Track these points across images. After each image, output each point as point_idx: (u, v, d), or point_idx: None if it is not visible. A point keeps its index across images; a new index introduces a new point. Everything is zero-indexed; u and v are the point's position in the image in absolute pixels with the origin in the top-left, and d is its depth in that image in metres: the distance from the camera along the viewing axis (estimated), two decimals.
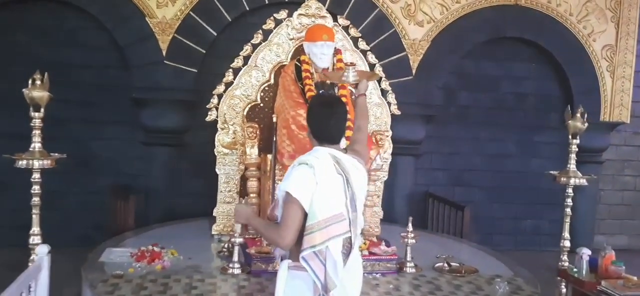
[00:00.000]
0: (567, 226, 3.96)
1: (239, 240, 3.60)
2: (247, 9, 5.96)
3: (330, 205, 2.19)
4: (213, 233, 4.52)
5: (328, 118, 2.32)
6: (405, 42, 6.32)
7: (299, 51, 4.51)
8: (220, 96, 4.56)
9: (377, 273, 3.74)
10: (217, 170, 4.59)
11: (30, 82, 3.27)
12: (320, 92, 4.14)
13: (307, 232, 2.17)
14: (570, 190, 3.92)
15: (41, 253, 2.96)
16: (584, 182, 3.86)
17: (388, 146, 4.86)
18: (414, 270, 3.87)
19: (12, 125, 5.64)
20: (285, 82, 4.25)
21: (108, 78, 6.00)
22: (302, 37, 4.44)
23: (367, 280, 3.62)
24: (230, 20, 5.94)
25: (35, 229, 3.27)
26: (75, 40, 5.93)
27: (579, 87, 6.74)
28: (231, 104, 4.56)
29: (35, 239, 3.21)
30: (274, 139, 4.19)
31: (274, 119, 4.24)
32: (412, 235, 3.89)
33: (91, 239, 4.83)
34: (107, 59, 5.97)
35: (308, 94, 4.08)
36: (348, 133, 3.30)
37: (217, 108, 4.55)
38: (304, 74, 4.18)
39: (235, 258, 3.63)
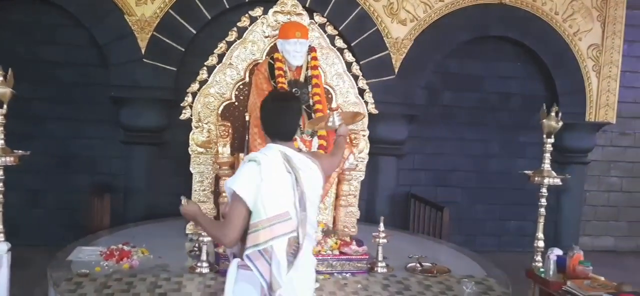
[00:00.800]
0: (540, 226, 3.90)
1: (208, 239, 3.56)
2: (227, 7, 5.91)
3: (275, 204, 2.13)
4: (187, 232, 4.47)
5: (279, 115, 2.27)
6: (387, 40, 6.27)
7: (274, 49, 4.46)
8: (194, 94, 4.52)
9: (346, 273, 3.70)
10: (191, 169, 4.54)
11: None
12: (292, 89, 4.11)
13: (252, 230, 2.12)
14: (544, 190, 3.87)
15: (1, 251, 2.91)
16: (557, 181, 3.81)
17: (364, 145, 4.83)
18: (385, 270, 3.83)
19: None
20: (257, 80, 4.21)
21: (87, 76, 5.95)
22: (277, 35, 4.40)
23: (336, 279, 3.61)
24: (209, 18, 5.89)
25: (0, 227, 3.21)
26: (54, 38, 5.88)
27: (565, 87, 6.70)
28: (206, 102, 4.51)
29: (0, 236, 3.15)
30: (247, 138, 4.14)
31: (247, 118, 4.20)
32: (384, 234, 3.83)
33: (70, 238, 4.78)
34: (86, 56, 5.92)
35: None
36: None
37: (191, 107, 4.50)
38: (276, 72, 4.14)
39: (204, 257, 3.59)
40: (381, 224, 3.89)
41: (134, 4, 5.78)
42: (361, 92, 4.83)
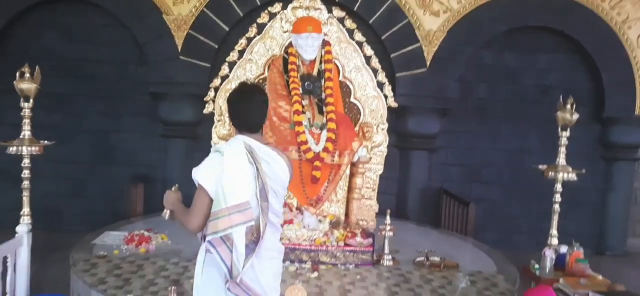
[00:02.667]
0: (554, 222, 3.76)
1: None
2: (258, 4, 6.07)
3: (235, 194, 2.20)
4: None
5: (244, 107, 2.33)
6: (419, 33, 6.20)
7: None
8: (217, 89, 4.69)
9: (350, 265, 3.74)
10: None
11: (18, 74, 3.47)
12: (305, 82, 4.18)
13: (212, 218, 2.21)
14: (559, 186, 3.73)
15: (21, 231, 3.19)
16: (573, 176, 3.66)
17: (383, 139, 4.78)
18: (391, 263, 3.83)
19: (39, 117, 6.09)
20: (272, 74, 4.32)
21: (128, 73, 6.31)
22: None
23: (338, 270, 3.65)
24: (242, 15, 6.07)
25: (26, 210, 3.51)
26: (97, 37, 6.28)
27: (611, 79, 6.35)
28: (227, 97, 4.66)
29: (24, 219, 3.45)
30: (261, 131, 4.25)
31: None
32: (389, 227, 3.84)
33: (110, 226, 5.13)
34: (127, 55, 6.28)
35: (291, 86, 4.13)
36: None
37: (214, 101, 4.68)
38: (289, 66, 4.22)
39: None
40: (387, 217, 3.90)
41: (171, 4, 6.07)
42: (380, 85, 4.81)
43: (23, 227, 3.26)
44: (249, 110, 2.33)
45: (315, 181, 4.01)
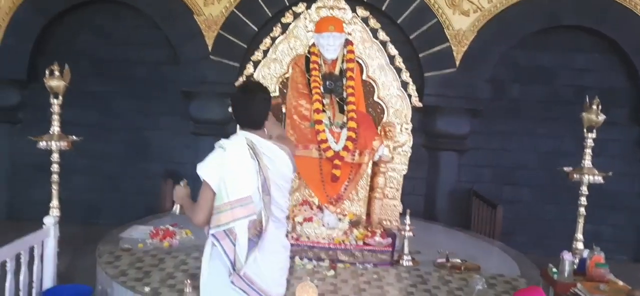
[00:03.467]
0: (580, 227, 3.64)
1: None
2: (287, 4, 6.12)
3: (237, 188, 2.24)
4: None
5: (247, 104, 2.37)
6: (448, 32, 6.12)
7: None
8: None
9: (368, 264, 3.73)
10: None
11: (47, 72, 3.63)
12: (326, 82, 4.20)
13: (215, 212, 2.26)
14: (584, 188, 3.62)
15: (48, 223, 3.34)
16: (600, 179, 3.54)
17: (407, 139, 4.74)
18: (410, 264, 3.81)
19: (76, 115, 6.36)
20: (294, 73, 4.36)
21: (160, 72, 6.48)
22: None
23: (356, 269, 3.65)
24: (271, 15, 6.14)
25: (55, 202, 3.67)
26: (132, 38, 6.48)
27: None
28: None
29: (54, 212, 3.61)
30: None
31: (283, 110, 4.36)
32: (409, 228, 3.81)
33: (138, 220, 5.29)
34: (159, 55, 6.46)
35: (313, 85, 4.16)
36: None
37: None
38: (311, 66, 4.25)
39: None
40: (407, 218, 3.87)
41: (202, 4, 6.21)
42: (405, 85, 4.77)
43: (50, 219, 3.42)
44: (251, 107, 2.37)
45: (335, 179, 4.02)
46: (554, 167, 6.41)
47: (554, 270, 2.83)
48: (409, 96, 4.78)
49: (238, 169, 2.26)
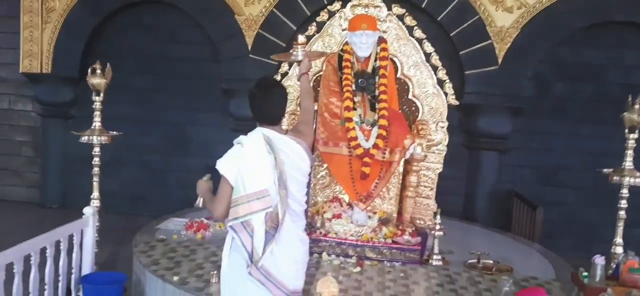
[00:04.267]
0: (620, 230, 3.49)
1: None
2: (325, 2, 6.15)
3: (254, 182, 2.31)
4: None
5: (264, 101, 2.44)
6: (490, 29, 5.98)
7: None
8: None
9: (396, 263, 3.71)
10: None
11: (90, 70, 3.81)
12: (358, 79, 4.20)
13: (233, 205, 2.33)
14: (625, 191, 3.46)
15: (88, 213, 3.52)
16: None
17: (443, 137, 4.68)
18: (440, 263, 3.76)
19: (125, 110, 6.65)
20: (327, 71, 4.38)
21: (202, 70, 6.67)
22: None
23: (383, 267, 3.64)
24: (309, 14, 6.20)
25: (95, 193, 3.86)
26: (175, 36, 6.70)
27: None
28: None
29: (94, 202, 3.80)
30: (314, 126, 4.34)
31: (315, 107, 4.39)
32: (439, 227, 3.77)
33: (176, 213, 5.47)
34: (201, 52, 6.65)
35: (344, 83, 4.17)
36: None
37: None
38: (343, 64, 4.25)
39: None
40: (438, 217, 3.83)
41: (243, 4, 6.34)
42: (441, 82, 4.70)
43: (89, 209, 3.60)
44: (267, 103, 2.44)
45: (364, 177, 4.00)
46: (601, 168, 6.20)
47: (585, 273, 2.73)
48: (445, 94, 4.71)
49: (255, 164, 2.33)
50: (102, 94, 3.91)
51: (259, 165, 2.34)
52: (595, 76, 6.08)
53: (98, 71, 3.84)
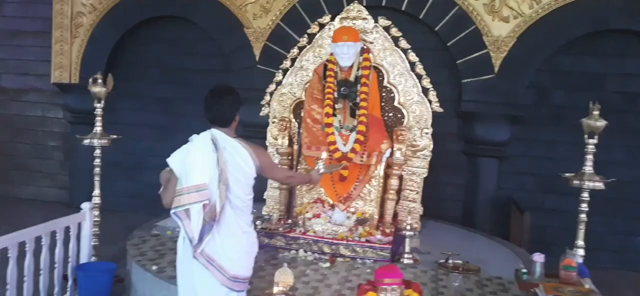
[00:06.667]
0: (581, 233, 3.60)
1: None
2: (328, 14, 6.42)
3: (196, 176, 2.60)
4: (263, 212, 5.12)
5: (212, 105, 2.74)
6: (487, 39, 6.12)
7: None
8: (271, 94, 5.17)
9: (368, 260, 3.93)
10: None
11: (91, 80, 4.22)
12: (341, 88, 4.47)
13: (177, 194, 2.64)
14: (585, 195, 3.58)
15: (85, 208, 3.92)
16: (601, 185, 3.49)
17: (428, 143, 4.86)
18: (411, 262, 3.96)
19: (147, 118, 7.16)
20: (312, 80, 4.68)
21: (215, 80, 7.01)
22: None
23: (353, 264, 3.87)
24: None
25: (96, 191, 4.27)
26: (193, 49, 7.15)
27: None
28: (280, 101, 5.12)
29: (95, 199, 4.21)
30: (300, 131, 4.65)
31: (302, 114, 4.69)
32: (410, 227, 3.97)
33: None
34: (215, 64, 7.06)
35: (326, 91, 4.46)
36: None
37: (269, 105, 5.17)
38: (327, 73, 4.55)
39: None
40: (409, 218, 4.04)
41: (251, 18, 6.72)
42: (425, 90, 4.90)
43: (87, 205, 3.99)
44: (216, 108, 2.73)
45: (343, 179, 4.27)
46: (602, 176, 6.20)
47: (524, 270, 2.88)
48: (430, 101, 4.91)
49: (198, 159, 2.63)
50: (103, 101, 4.31)
51: (201, 161, 2.62)
52: (594, 84, 6.10)
53: (99, 80, 4.24)
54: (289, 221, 4.37)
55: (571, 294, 2.56)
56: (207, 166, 2.63)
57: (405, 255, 3.99)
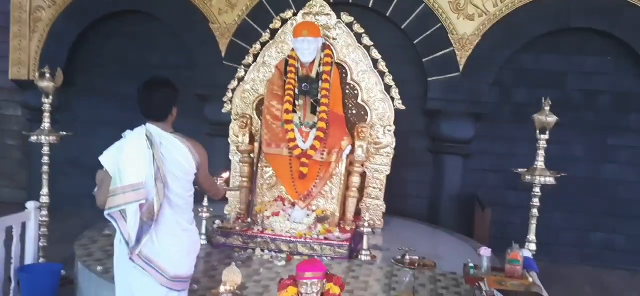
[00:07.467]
0: (532, 227, 3.63)
1: (206, 214, 4.10)
2: (294, 11, 6.37)
3: (131, 174, 2.46)
4: (225, 212, 5.04)
5: (145, 99, 2.61)
6: (452, 37, 6.14)
7: None
8: (234, 90, 5.09)
9: (326, 257, 3.90)
10: (229, 156, 5.13)
11: (37, 74, 4.09)
12: (302, 84, 4.43)
13: (110, 194, 2.48)
14: (537, 190, 3.60)
15: (30, 207, 3.79)
16: (551, 180, 3.52)
17: (390, 141, 4.85)
18: (368, 258, 3.94)
19: (109, 115, 7.00)
20: (273, 75, 4.62)
21: (179, 76, 6.85)
22: None
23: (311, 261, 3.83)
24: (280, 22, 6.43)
25: (44, 190, 4.14)
26: (155, 44, 7.01)
27: None
28: (242, 97, 5.05)
29: (43, 198, 4.08)
30: (260, 128, 4.59)
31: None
32: (367, 224, 3.95)
33: None
34: (178, 59, 6.94)
35: (286, 87, 4.41)
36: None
37: (231, 101, 5.09)
38: (288, 68, 4.50)
39: (203, 230, 4.12)
40: (366, 214, 4.02)
41: (217, 13, 6.62)
42: (388, 88, 4.89)
43: (31, 204, 3.86)
44: (150, 102, 2.60)
45: (302, 177, 4.23)
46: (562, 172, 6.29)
47: (471, 265, 2.89)
48: (392, 99, 4.90)
49: (132, 157, 2.48)
50: (50, 96, 4.18)
51: (136, 159, 2.48)
52: (555, 82, 6.18)
53: (47, 75, 4.11)
54: (249, 219, 4.31)
55: (513, 287, 2.56)
56: (142, 163, 2.49)
57: (363, 252, 3.97)
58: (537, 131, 3.56)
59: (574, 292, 5.28)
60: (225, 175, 3.43)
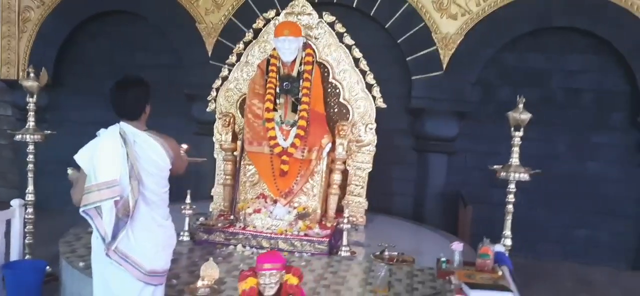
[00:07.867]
0: (508, 223, 3.70)
1: (189, 211, 4.15)
2: (280, 11, 6.43)
3: (105, 172, 2.51)
4: (210, 210, 5.10)
5: (117, 98, 2.67)
6: (435, 36, 6.20)
7: None
8: (218, 89, 5.15)
9: (306, 254, 3.96)
10: (214, 155, 5.19)
11: (21, 73, 4.13)
12: (283, 83, 4.49)
13: (85, 192, 2.53)
14: (512, 186, 3.67)
15: (15, 205, 3.84)
16: (526, 177, 3.58)
17: (372, 139, 4.92)
18: (348, 254, 4.00)
19: (99, 115, 7.00)
20: (255, 75, 4.68)
21: (167, 76, 6.99)
22: None
23: (291, 257, 3.89)
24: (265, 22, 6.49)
25: (30, 188, 4.19)
26: (143, 44, 7.06)
27: None
28: (226, 96, 5.11)
29: (29, 196, 4.12)
30: (242, 127, 4.65)
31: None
32: (347, 221, 4.01)
33: None
34: (166, 59, 6.98)
35: (268, 86, 4.47)
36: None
37: (215, 100, 5.15)
38: (270, 68, 4.56)
39: (186, 227, 4.18)
40: (346, 211, 4.08)
41: (203, 13, 6.67)
42: (369, 86, 4.95)
43: (17, 201, 3.91)
44: (122, 100, 2.66)
45: (283, 174, 4.29)
46: (546, 171, 6.34)
47: (443, 259, 2.95)
48: (373, 97, 4.97)
49: (107, 155, 2.54)
50: (35, 96, 4.23)
51: (110, 157, 2.54)
52: (539, 81, 6.25)
53: (32, 75, 4.16)
54: (231, 216, 4.37)
55: (481, 280, 2.63)
56: (116, 161, 2.55)
57: (343, 248, 4.03)
58: (512, 128, 3.62)
59: (557, 288, 5.35)
60: (185, 146, 3.46)
